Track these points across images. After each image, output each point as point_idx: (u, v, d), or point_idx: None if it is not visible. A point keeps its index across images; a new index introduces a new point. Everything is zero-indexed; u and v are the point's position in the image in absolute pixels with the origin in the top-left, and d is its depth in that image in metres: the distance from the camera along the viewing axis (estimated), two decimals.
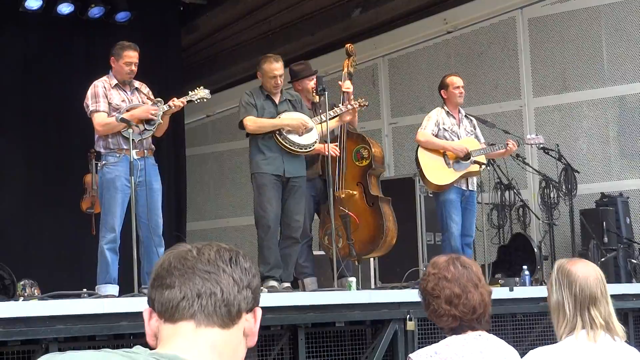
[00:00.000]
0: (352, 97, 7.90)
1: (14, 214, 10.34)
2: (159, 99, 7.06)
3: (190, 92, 7.19)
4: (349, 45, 8.23)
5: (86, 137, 9.47)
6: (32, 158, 10.72)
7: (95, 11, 10.87)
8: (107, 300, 5.63)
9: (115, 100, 6.91)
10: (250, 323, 1.72)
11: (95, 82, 6.96)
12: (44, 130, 10.85)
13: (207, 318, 1.66)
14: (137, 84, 7.10)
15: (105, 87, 6.92)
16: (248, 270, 1.73)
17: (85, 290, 6.50)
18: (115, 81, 6.97)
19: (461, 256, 3.31)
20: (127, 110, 6.85)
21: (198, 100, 7.23)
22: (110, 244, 6.68)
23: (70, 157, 10.70)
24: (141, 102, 7.01)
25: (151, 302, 1.72)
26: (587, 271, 3.31)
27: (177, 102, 6.96)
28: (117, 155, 6.80)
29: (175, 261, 1.70)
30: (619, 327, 3.30)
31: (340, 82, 8.03)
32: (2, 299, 5.92)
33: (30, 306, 5.14)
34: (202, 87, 7.23)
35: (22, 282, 7.32)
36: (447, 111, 8.23)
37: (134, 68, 6.95)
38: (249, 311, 1.72)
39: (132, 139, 6.63)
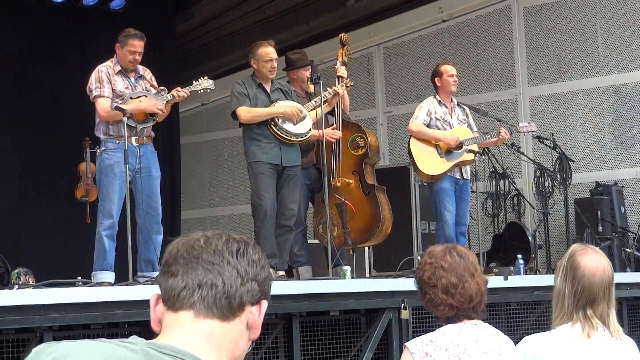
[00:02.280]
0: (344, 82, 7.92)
1: (7, 203, 10.31)
2: (163, 87, 7.04)
3: (194, 81, 7.19)
4: (343, 34, 8.22)
5: (80, 125, 9.47)
6: (25, 147, 10.69)
7: None
8: (102, 289, 5.64)
9: (119, 86, 6.86)
10: (254, 316, 1.70)
11: (99, 67, 6.91)
12: (37, 119, 10.82)
13: (206, 309, 1.66)
14: (140, 69, 7.06)
15: (109, 73, 6.86)
16: (256, 263, 1.71)
17: (80, 278, 6.49)
18: (119, 67, 6.92)
19: (457, 245, 3.30)
20: (132, 98, 6.82)
21: (202, 91, 7.24)
22: (108, 230, 6.65)
23: (64, 146, 10.68)
24: (144, 90, 6.98)
25: (160, 289, 1.72)
26: (595, 268, 3.28)
27: (180, 92, 6.96)
28: (117, 141, 6.77)
29: (182, 249, 1.70)
30: (614, 327, 3.30)
31: (336, 67, 8.03)
32: None
33: (24, 294, 5.13)
34: (206, 78, 7.23)
35: (16, 271, 7.33)
36: (439, 100, 8.22)
37: (138, 57, 6.91)
38: (255, 304, 1.70)
39: (131, 126, 6.61)
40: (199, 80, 7.18)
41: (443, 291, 3.14)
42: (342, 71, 7.99)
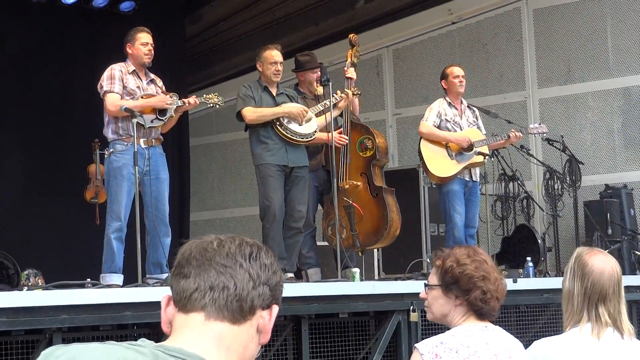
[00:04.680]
0: (353, 84, 7.93)
1: (14, 203, 10.32)
2: (174, 93, 7.09)
3: (205, 95, 7.29)
4: (352, 35, 8.22)
5: (88, 126, 9.48)
6: (32, 148, 10.69)
7: (100, 1, 10.87)
8: (111, 290, 5.64)
9: (131, 84, 6.89)
10: (265, 320, 1.70)
11: (113, 65, 6.94)
12: (45, 120, 10.83)
13: (217, 311, 1.66)
14: (152, 75, 7.11)
15: (122, 71, 6.89)
16: (268, 267, 1.71)
17: (89, 280, 6.50)
18: (132, 68, 6.95)
19: (476, 247, 3.30)
20: (142, 97, 6.86)
21: (210, 105, 7.32)
22: (117, 232, 6.65)
23: (72, 147, 10.70)
24: (156, 93, 7.01)
25: (171, 290, 1.73)
26: (603, 266, 3.28)
27: (191, 101, 7.01)
28: (125, 143, 6.77)
29: (195, 251, 1.70)
30: (627, 326, 3.29)
31: (345, 69, 8.04)
32: (6, 288, 5.93)
33: (34, 296, 5.14)
34: (217, 94, 7.31)
35: (26, 272, 7.35)
36: (449, 102, 8.21)
37: (151, 49, 6.95)
38: (266, 308, 1.71)
39: (141, 124, 6.65)
40: (211, 94, 7.30)
41: (492, 284, 3.12)
42: (351, 72, 7.99)
